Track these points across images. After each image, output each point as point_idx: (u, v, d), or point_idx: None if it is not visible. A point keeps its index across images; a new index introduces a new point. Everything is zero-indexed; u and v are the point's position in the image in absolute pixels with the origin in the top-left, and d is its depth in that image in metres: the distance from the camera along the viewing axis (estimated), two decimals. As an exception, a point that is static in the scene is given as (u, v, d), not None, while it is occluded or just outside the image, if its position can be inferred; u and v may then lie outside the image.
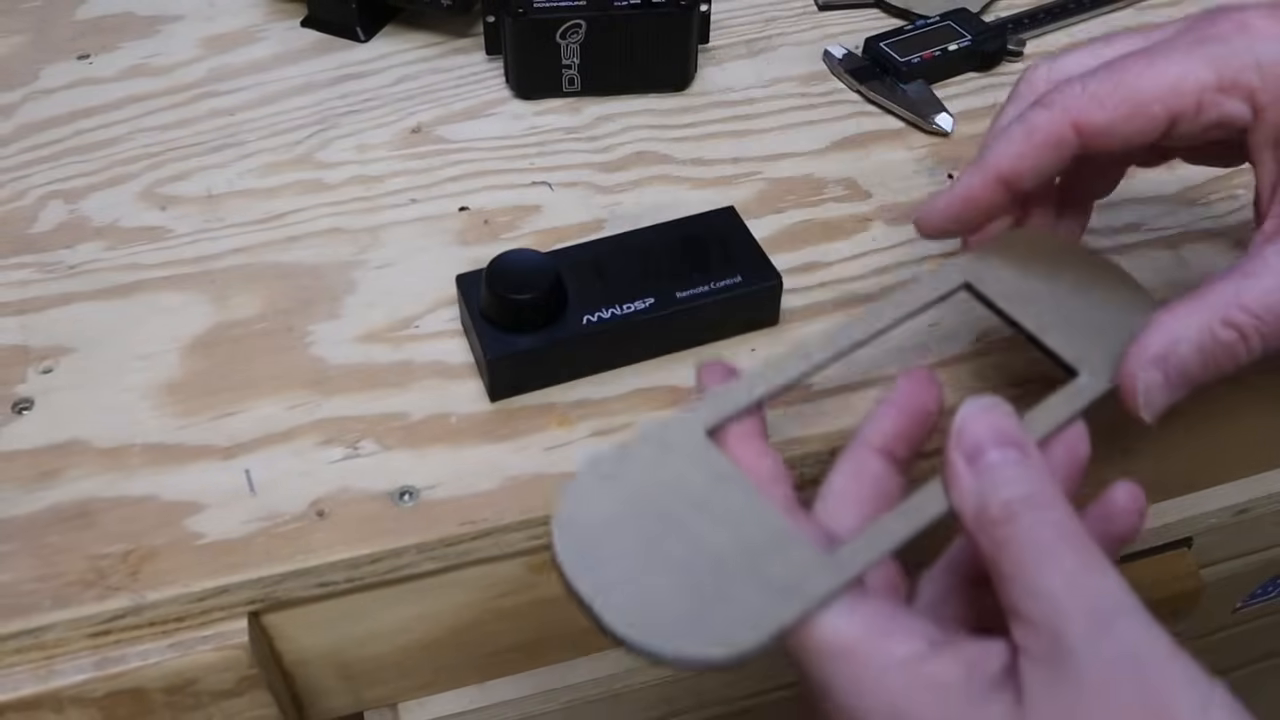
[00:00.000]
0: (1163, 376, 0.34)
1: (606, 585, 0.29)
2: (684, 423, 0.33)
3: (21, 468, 0.40)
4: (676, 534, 0.30)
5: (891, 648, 0.28)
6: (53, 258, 0.48)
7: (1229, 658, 0.76)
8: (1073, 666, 0.26)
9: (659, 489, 0.31)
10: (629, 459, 0.32)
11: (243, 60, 0.58)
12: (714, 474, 0.32)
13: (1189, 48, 0.34)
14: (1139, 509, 0.33)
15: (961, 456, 0.30)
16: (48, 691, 0.36)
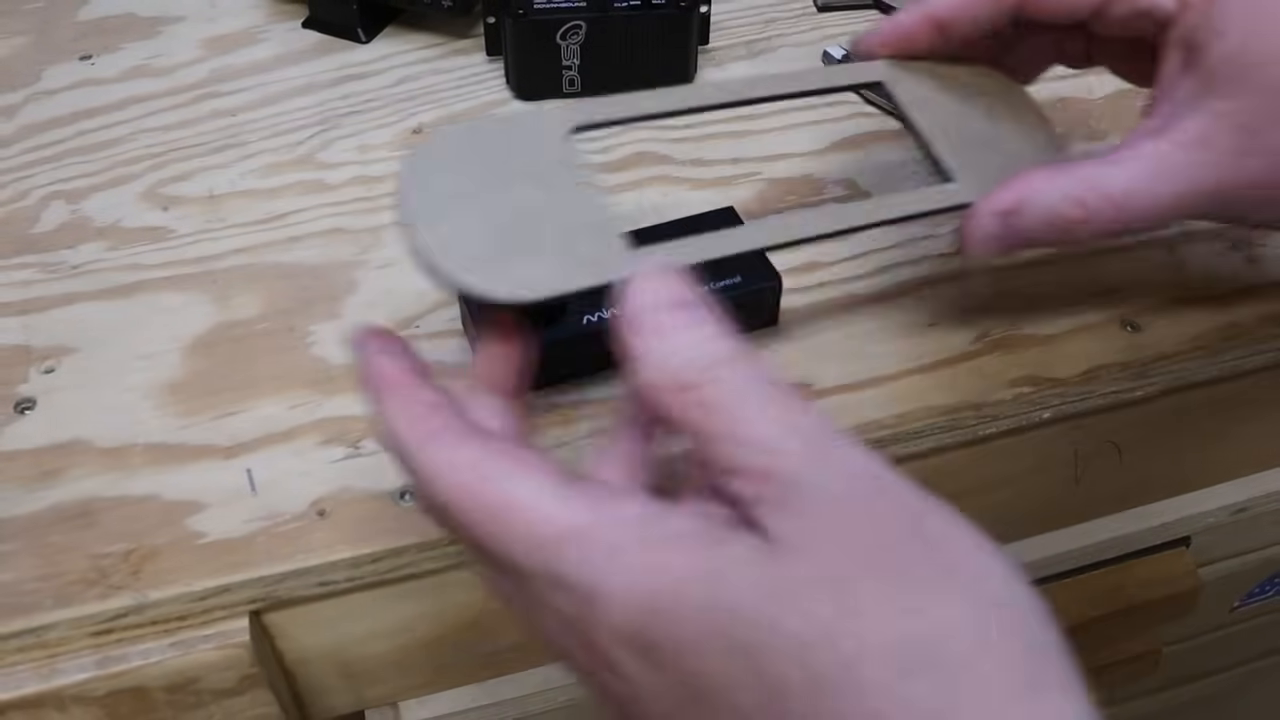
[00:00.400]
0: (1003, 229, 0.36)
1: (429, 213, 0.31)
2: (554, 114, 0.35)
3: (24, 467, 0.40)
4: (511, 194, 0.33)
5: (619, 512, 0.26)
6: (55, 258, 0.48)
7: (1227, 657, 0.76)
8: (810, 496, 0.24)
9: (513, 156, 0.34)
10: (504, 125, 0.34)
11: (244, 61, 0.58)
12: (564, 162, 0.34)
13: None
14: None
15: (638, 334, 0.28)
16: (50, 690, 0.36)
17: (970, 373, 0.43)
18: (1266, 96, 0.33)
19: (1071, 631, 0.59)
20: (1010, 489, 0.48)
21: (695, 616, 0.23)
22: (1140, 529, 0.54)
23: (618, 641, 0.25)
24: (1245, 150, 0.34)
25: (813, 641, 0.22)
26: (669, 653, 0.24)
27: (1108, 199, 0.35)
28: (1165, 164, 0.34)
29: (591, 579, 0.25)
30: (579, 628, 0.25)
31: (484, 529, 0.26)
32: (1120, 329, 0.45)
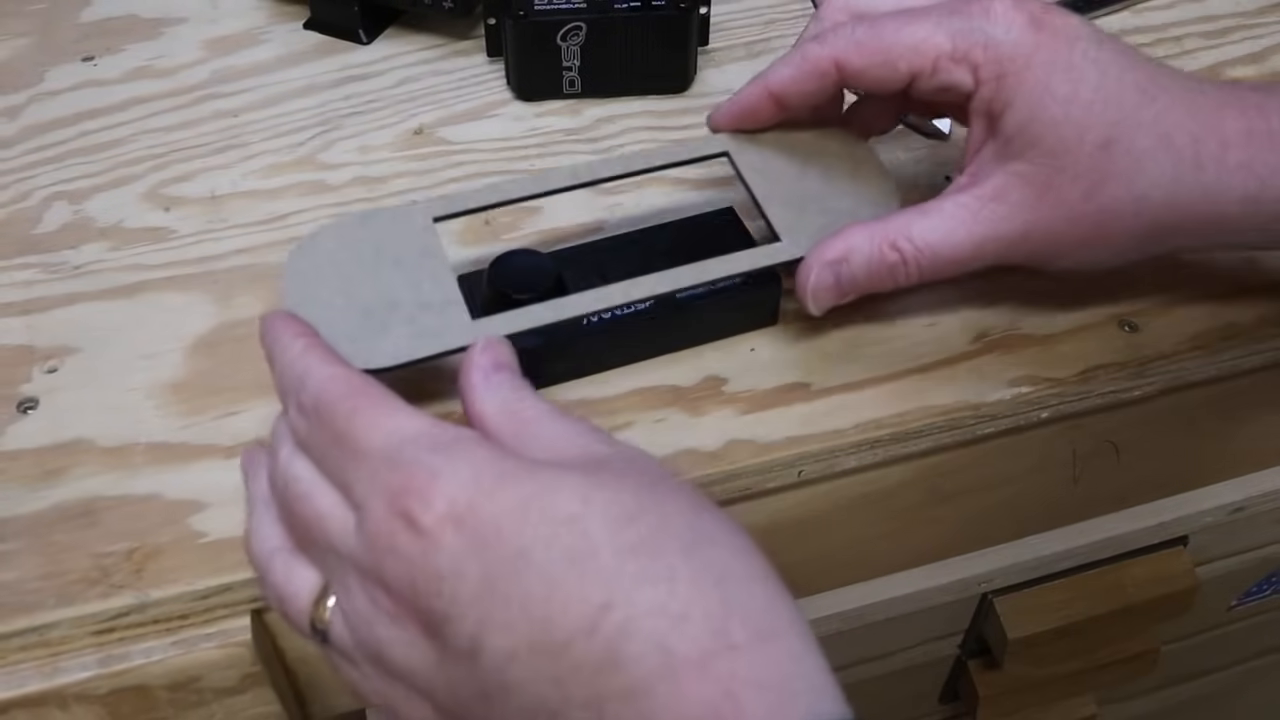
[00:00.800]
0: (834, 279, 0.40)
1: (305, 298, 0.38)
2: (420, 208, 0.41)
3: (26, 466, 0.40)
4: (375, 279, 0.39)
5: (462, 431, 0.32)
6: (57, 258, 0.48)
7: (1224, 655, 0.76)
8: (605, 463, 0.31)
9: (379, 246, 0.40)
10: (371, 219, 0.41)
11: (246, 62, 0.58)
12: (425, 249, 0.40)
13: (940, 18, 0.39)
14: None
15: (472, 388, 0.35)
16: (52, 689, 0.36)
17: (969, 373, 0.43)
18: (1052, 158, 0.37)
19: (1070, 631, 0.60)
20: (1009, 488, 0.48)
21: (516, 496, 0.29)
22: (1138, 528, 0.54)
23: (447, 518, 0.29)
24: (1037, 203, 0.38)
25: (577, 515, 0.29)
26: (489, 526, 0.29)
27: (920, 244, 0.39)
28: (968, 213, 0.39)
29: (432, 461, 0.30)
30: (403, 504, 0.29)
31: (344, 413, 0.32)
32: (1118, 329, 0.45)
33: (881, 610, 0.52)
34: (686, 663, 0.26)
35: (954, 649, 0.60)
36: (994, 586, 0.55)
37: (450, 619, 0.29)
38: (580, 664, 0.27)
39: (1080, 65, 0.37)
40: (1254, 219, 0.38)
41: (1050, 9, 0.38)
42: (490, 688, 0.28)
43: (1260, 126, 0.37)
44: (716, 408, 0.42)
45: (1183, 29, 0.59)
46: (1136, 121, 0.37)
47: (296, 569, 0.33)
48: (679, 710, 0.26)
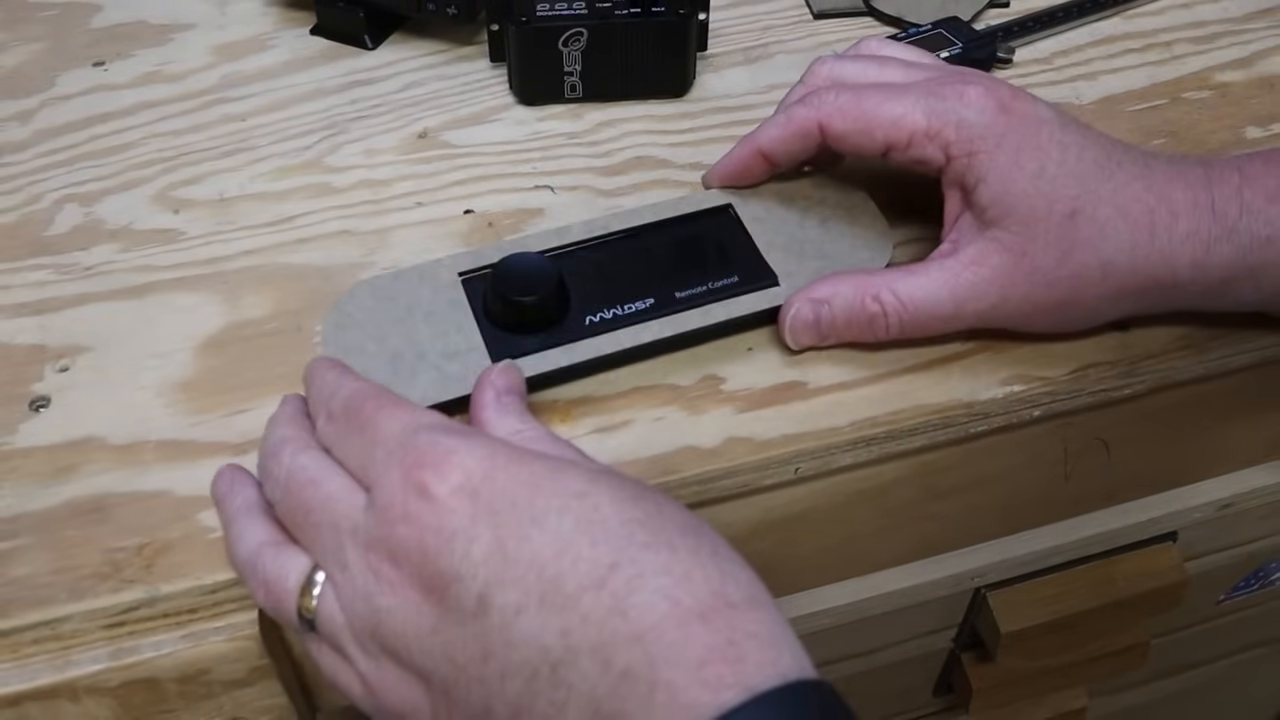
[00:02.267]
0: (813, 317, 0.42)
1: (343, 348, 0.41)
2: (445, 263, 0.44)
3: (39, 464, 0.40)
4: (406, 331, 0.42)
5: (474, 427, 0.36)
6: (69, 259, 0.48)
7: (1212, 649, 0.76)
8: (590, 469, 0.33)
9: (408, 300, 0.42)
10: (400, 277, 0.43)
11: (254, 67, 0.58)
12: (450, 301, 0.42)
13: (919, 97, 0.41)
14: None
15: (483, 406, 0.37)
16: (64, 681, 0.36)
17: (962, 372, 0.43)
18: (1025, 226, 0.40)
19: (1061, 625, 0.60)
20: (1002, 485, 0.48)
21: (529, 472, 0.31)
22: (1128, 524, 0.54)
23: (461, 489, 0.30)
24: (1014, 268, 0.40)
25: (586, 491, 0.31)
26: (502, 497, 0.30)
27: (901, 300, 0.41)
28: (950, 275, 0.41)
29: (449, 440, 0.31)
30: (419, 476, 0.31)
31: (370, 409, 0.34)
32: (1109, 329, 0.45)
33: (877, 605, 0.52)
34: (691, 612, 0.28)
35: (948, 643, 0.60)
36: (987, 581, 0.55)
37: (460, 577, 0.30)
38: (589, 614, 0.28)
39: (1045, 145, 0.40)
40: (1201, 283, 0.40)
41: (1019, 95, 0.41)
42: (493, 644, 0.29)
43: (1203, 198, 0.40)
44: (715, 406, 0.42)
45: (1172, 34, 0.59)
46: (1097, 195, 0.39)
47: (285, 555, 0.34)
48: (685, 652, 0.27)
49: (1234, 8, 0.61)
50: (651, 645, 0.27)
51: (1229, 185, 0.40)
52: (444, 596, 0.30)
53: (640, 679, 0.27)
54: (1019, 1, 0.62)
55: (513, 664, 0.29)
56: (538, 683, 0.28)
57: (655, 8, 0.53)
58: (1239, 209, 0.39)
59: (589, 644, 0.28)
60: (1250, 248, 0.39)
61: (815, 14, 0.61)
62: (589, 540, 0.29)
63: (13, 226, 0.49)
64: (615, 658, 0.27)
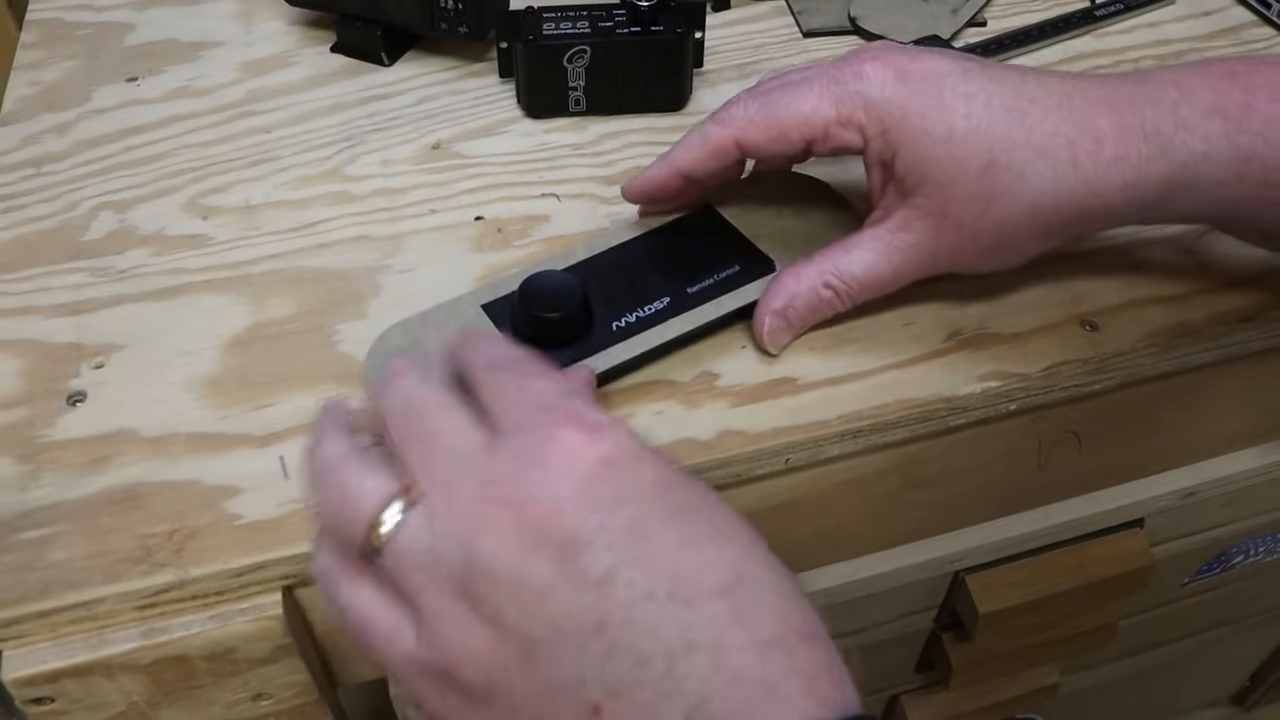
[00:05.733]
0: (784, 322, 0.42)
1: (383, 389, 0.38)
2: (466, 299, 0.43)
3: (76, 455, 0.40)
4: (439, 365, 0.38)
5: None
6: (104, 263, 0.48)
7: (1177, 629, 0.76)
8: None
9: (438, 336, 0.41)
10: (429, 315, 0.42)
11: (278, 83, 0.58)
12: (476, 327, 0.41)
13: (823, 86, 0.39)
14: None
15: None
16: (99, 659, 0.36)
17: (942, 368, 0.43)
18: (941, 189, 0.39)
19: (1036, 606, 0.60)
20: (979, 475, 0.48)
21: (670, 468, 0.30)
22: (1098, 511, 0.54)
23: (606, 460, 0.29)
24: (938, 229, 0.40)
25: (715, 502, 0.30)
26: (645, 481, 0.29)
27: (848, 279, 0.41)
28: (883, 244, 0.41)
29: (598, 415, 0.30)
30: (568, 436, 0.29)
31: (536, 366, 0.32)
32: (1080, 328, 0.44)
33: (862, 587, 0.52)
34: (798, 634, 0.28)
35: (929, 623, 0.60)
36: (965, 565, 0.54)
37: (593, 546, 0.27)
38: (714, 617, 0.27)
39: (950, 102, 0.38)
40: (1136, 202, 0.38)
41: (916, 56, 0.39)
42: (610, 620, 0.27)
43: (1132, 120, 0.38)
44: (710, 401, 0.42)
45: (1139, 52, 0.59)
46: (1010, 141, 0.38)
47: (375, 469, 0.31)
48: (796, 666, 0.27)
49: (1198, 27, 0.61)
50: (768, 656, 0.27)
51: (1163, 104, 0.38)
52: (566, 558, 0.27)
53: (753, 685, 0.26)
54: (996, 21, 0.62)
55: (626, 645, 0.27)
56: (647, 670, 0.27)
57: (654, 27, 0.53)
58: (1173, 126, 0.37)
59: (708, 645, 0.27)
60: (1186, 163, 0.37)
61: (804, 33, 0.61)
62: (718, 547, 0.28)
63: (51, 232, 0.49)
64: (731, 662, 0.26)
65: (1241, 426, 0.54)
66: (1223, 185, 0.38)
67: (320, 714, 0.42)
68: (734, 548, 0.28)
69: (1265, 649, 0.87)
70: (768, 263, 0.44)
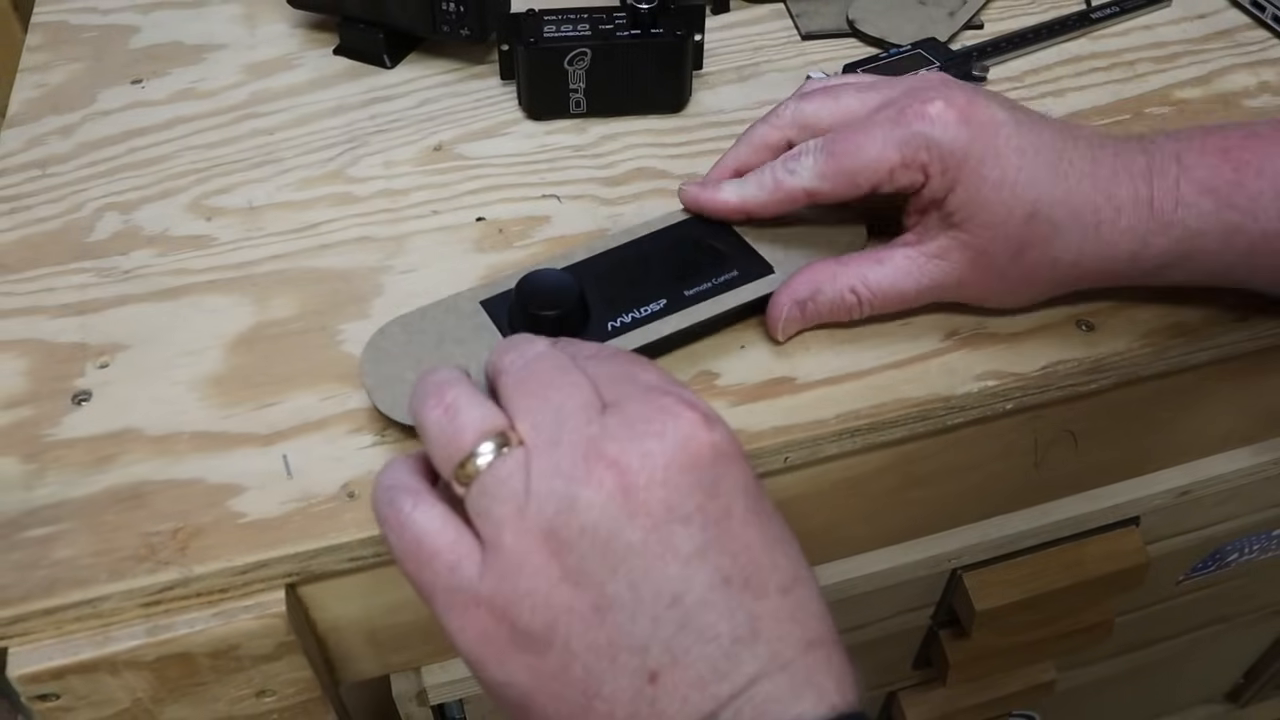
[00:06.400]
0: (800, 313, 0.43)
1: (381, 381, 0.40)
2: (467, 295, 0.43)
3: (81, 453, 0.40)
4: (439, 357, 0.41)
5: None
6: (109, 263, 0.48)
7: (1173, 626, 0.76)
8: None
9: (439, 330, 0.42)
10: (428, 312, 0.42)
11: (281, 85, 0.58)
12: (476, 326, 0.42)
13: (887, 131, 0.40)
14: None
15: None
16: (104, 656, 0.36)
17: (940, 368, 0.43)
18: (987, 229, 0.40)
19: (1032, 603, 0.60)
20: (977, 473, 0.48)
21: (751, 472, 0.31)
22: (1094, 510, 0.54)
23: (715, 446, 0.30)
24: (973, 263, 0.42)
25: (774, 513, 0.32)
26: (739, 472, 0.30)
27: (874, 290, 0.43)
28: (915, 266, 0.42)
29: (709, 407, 0.31)
30: (686, 415, 0.30)
31: (634, 356, 0.33)
32: (1076, 328, 0.45)
33: (860, 585, 0.52)
34: (830, 638, 0.30)
35: (926, 620, 0.60)
36: (963, 563, 0.54)
37: (688, 522, 0.29)
38: (776, 611, 0.29)
39: (1004, 151, 0.40)
40: (1137, 270, 0.41)
41: (974, 101, 0.40)
42: (687, 597, 0.28)
43: (1144, 193, 0.40)
44: (710, 399, 0.42)
45: (1135, 54, 0.59)
46: (1052, 198, 0.40)
47: (484, 404, 0.31)
48: (832, 665, 0.29)
49: (1193, 30, 0.61)
50: (813, 653, 0.29)
51: (1168, 178, 0.40)
52: (659, 527, 0.28)
53: (797, 676, 0.28)
54: (993, 24, 0.62)
55: (697, 621, 0.28)
56: (710, 648, 0.28)
57: (654, 29, 0.53)
58: (1174, 203, 0.40)
59: (768, 635, 0.28)
60: (1182, 239, 0.40)
61: (803, 35, 0.61)
62: (785, 550, 0.30)
63: (57, 233, 0.49)
64: (784, 653, 0.28)
65: (1235, 426, 0.54)
66: (1214, 255, 0.40)
67: (323, 710, 0.42)
68: (794, 553, 0.31)
69: (1259, 646, 0.87)
70: (767, 268, 0.44)
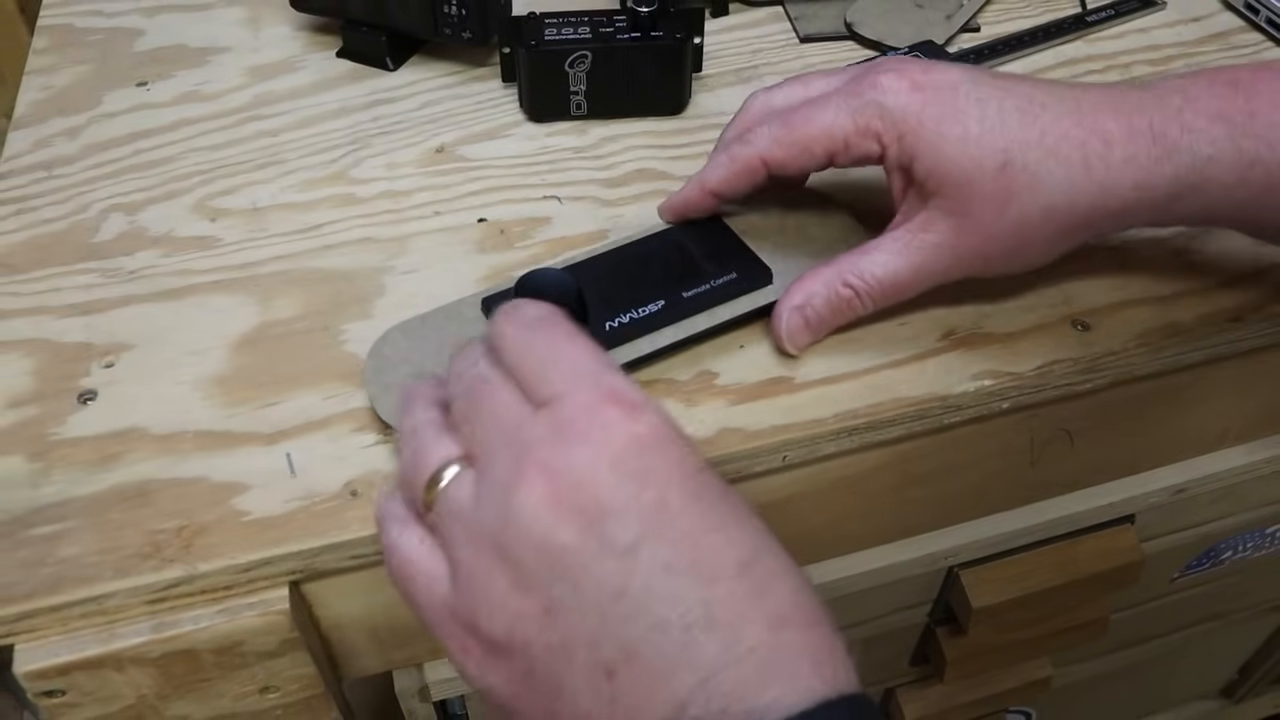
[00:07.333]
0: (803, 321, 0.42)
1: (383, 390, 0.40)
2: (467, 301, 0.43)
3: (86, 452, 0.40)
4: (441, 363, 0.39)
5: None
6: (114, 264, 0.48)
7: (1168, 623, 0.76)
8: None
9: (439, 337, 0.41)
10: (428, 319, 0.42)
11: (284, 87, 0.58)
12: (478, 333, 0.38)
13: (841, 100, 0.40)
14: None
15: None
16: (110, 653, 0.37)
17: (937, 367, 0.43)
18: (961, 190, 0.39)
19: (1028, 600, 0.60)
20: (973, 471, 0.48)
21: (697, 454, 0.30)
22: (1089, 508, 0.54)
23: (642, 439, 0.29)
24: (959, 228, 0.40)
25: (730, 491, 0.30)
26: (675, 461, 0.29)
27: (869, 278, 0.41)
28: (903, 245, 0.41)
29: (637, 393, 0.30)
30: (608, 412, 0.29)
31: (567, 331, 0.32)
32: (1071, 328, 0.44)
33: (858, 582, 0.52)
34: (808, 617, 0.28)
35: (923, 617, 0.60)
36: (959, 560, 0.55)
37: (621, 516, 0.28)
38: (733, 591, 0.28)
39: (964, 107, 0.39)
40: (1147, 202, 0.39)
41: (928, 68, 0.40)
42: (631, 588, 0.28)
43: (1140, 123, 0.38)
44: (709, 399, 0.42)
45: (1130, 57, 0.59)
46: (1024, 141, 0.38)
47: (444, 436, 0.32)
48: (807, 645, 0.28)
49: (1187, 32, 0.61)
50: (783, 634, 0.28)
51: (1169, 108, 0.38)
52: (593, 525, 0.28)
53: (766, 660, 0.27)
54: (989, 27, 0.62)
55: (643, 610, 0.28)
56: (663, 635, 0.27)
57: (654, 32, 0.53)
58: (1179, 129, 0.38)
59: (727, 618, 0.27)
60: (1193, 166, 0.38)
61: (801, 38, 0.61)
62: (737, 529, 0.29)
63: (63, 233, 0.49)
64: (746, 635, 0.27)
65: (1230, 424, 0.54)
66: (1229, 188, 0.38)
67: (326, 707, 0.42)
68: (749, 531, 0.29)
69: (1254, 642, 0.87)
70: (766, 272, 0.43)
